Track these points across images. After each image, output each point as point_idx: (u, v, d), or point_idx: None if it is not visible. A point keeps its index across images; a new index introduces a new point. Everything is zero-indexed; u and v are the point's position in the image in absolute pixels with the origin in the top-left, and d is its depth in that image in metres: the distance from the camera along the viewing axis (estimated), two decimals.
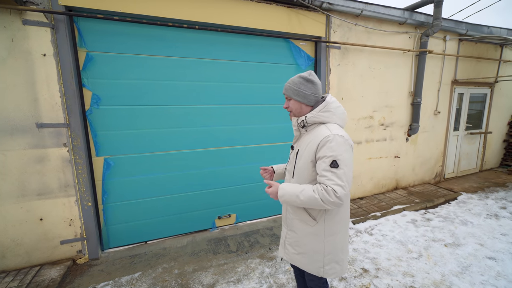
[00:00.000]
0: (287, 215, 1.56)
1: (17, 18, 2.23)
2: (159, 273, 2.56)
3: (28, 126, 2.38)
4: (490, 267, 2.57)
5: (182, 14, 2.76)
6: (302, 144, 1.44)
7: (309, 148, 1.37)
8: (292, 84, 1.45)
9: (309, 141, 1.39)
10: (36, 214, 2.52)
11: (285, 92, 1.49)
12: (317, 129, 1.39)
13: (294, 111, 1.48)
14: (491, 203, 4.15)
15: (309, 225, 1.44)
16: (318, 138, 1.32)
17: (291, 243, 1.54)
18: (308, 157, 1.37)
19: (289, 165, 1.56)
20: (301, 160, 1.42)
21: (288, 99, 1.50)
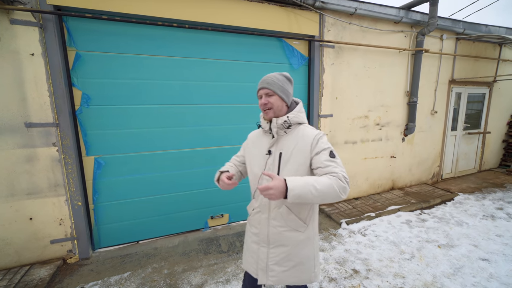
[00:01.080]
0: (270, 231, 1.36)
1: (5, 18, 2.23)
2: (148, 273, 2.56)
3: (17, 126, 2.38)
4: (482, 269, 2.53)
5: (172, 13, 2.74)
6: (285, 146, 1.32)
7: (299, 149, 1.29)
8: (276, 80, 1.33)
9: (295, 142, 1.30)
10: (25, 214, 2.52)
11: (268, 86, 1.32)
12: (298, 130, 1.34)
13: (275, 108, 1.33)
14: (488, 203, 4.11)
15: (300, 231, 1.35)
16: (307, 138, 1.30)
17: (278, 262, 1.36)
18: (300, 159, 1.28)
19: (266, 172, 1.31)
20: (288, 163, 1.29)
21: (269, 94, 1.32)
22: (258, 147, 1.43)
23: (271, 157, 1.34)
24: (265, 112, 1.35)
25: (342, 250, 2.89)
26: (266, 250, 1.37)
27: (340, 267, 2.59)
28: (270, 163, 1.34)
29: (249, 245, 1.47)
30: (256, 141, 1.47)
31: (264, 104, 1.33)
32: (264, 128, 1.39)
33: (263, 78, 1.36)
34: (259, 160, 1.38)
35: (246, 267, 1.50)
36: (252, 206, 1.47)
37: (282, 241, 1.35)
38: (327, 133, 3.84)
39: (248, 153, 1.50)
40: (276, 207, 1.34)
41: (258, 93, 1.37)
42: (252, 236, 1.45)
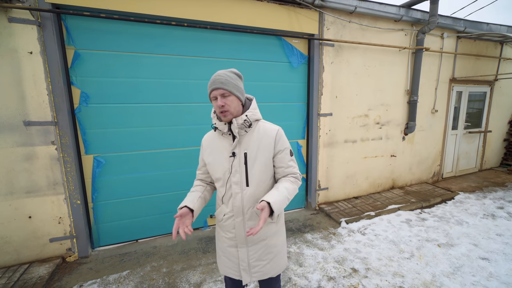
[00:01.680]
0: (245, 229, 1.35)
1: (3, 16, 2.23)
2: (147, 272, 2.56)
3: (16, 124, 2.38)
4: (482, 268, 2.52)
5: (170, 12, 2.74)
6: (249, 146, 1.29)
7: (264, 147, 1.29)
8: (230, 79, 1.24)
9: (258, 140, 1.29)
10: (24, 212, 2.52)
11: (223, 86, 1.21)
12: (258, 127, 1.32)
13: (233, 110, 1.25)
14: (489, 203, 4.09)
15: (274, 222, 1.38)
16: (270, 133, 1.31)
17: (259, 256, 1.38)
18: (266, 156, 1.30)
19: (234, 176, 1.29)
20: (256, 162, 1.29)
21: (225, 95, 1.22)
22: (217, 151, 1.34)
23: (236, 159, 1.29)
24: (223, 115, 1.24)
25: (341, 249, 2.88)
26: (245, 250, 1.37)
27: (339, 266, 2.58)
28: (236, 165, 1.29)
29: (226, 249, 1.42)
30: (213, 145, 1.37)
31: (221, 106, 1.22)
32: (222, 130, 1.30)
33: (215, 78, 1.23)
34: (223, 164, 1.31)
35: (225, 271, 1.46)
36: (222, 212, 1.39)
37: (260, 237, 1.37)
38: (326, 132, 3.83)
39: (208, 159, 1.38)
40: (250, 208, 1.33)
41: (211, 94, 1.24)
42: (227, 241, 1.40)
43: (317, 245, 2.98)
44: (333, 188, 4.07)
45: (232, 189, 1.31)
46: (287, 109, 3.67)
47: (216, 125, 1.32)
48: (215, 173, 1.37)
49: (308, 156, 3.91)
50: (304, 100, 3.76)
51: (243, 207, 1.32)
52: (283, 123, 3.60)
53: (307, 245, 2.97)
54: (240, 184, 1.30)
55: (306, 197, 4.03)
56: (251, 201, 1.32)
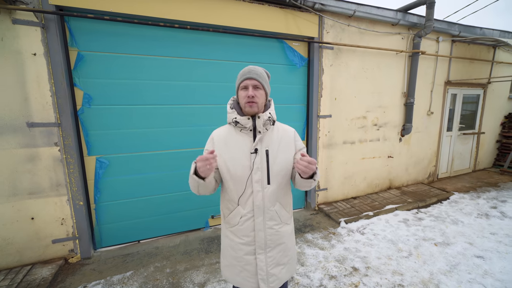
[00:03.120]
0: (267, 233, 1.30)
1: (7, 17, 2.23)
2: (151, 272, 2.58)
3: (19, 126, 2.38)
4: (478, 266, 2.60)
5: (173, 14, 2.76)
6: (270, 143, 1.28)
7: (284, 145, 1.31)
8: (263, 74, 1.25)
9: (279, 138, 1.30)
10: (27, 213, 2.52)
11: (258, 78, 1.21)
12: (277, 126, 1.36)
13: (260, 104, 1.24)
14: (483, 202, 4.20)
15: (288, 223, 1.39)
16: (289, 133, 1.36)
17: (278, 261, 1.33)
18: (287, 154, 1.31)
19: (256, 174, 1.25)
20: (277, 160, 1.27)
21: (257, 87, 1.22)
22: (236, 147, 1.27)
23: (258, 155, 1.24)
24: (249, 105, 1.21)
25: (341, 249, 2.94)
26: (263, 256, 1.30)
27: (340, 265, 2.64)
28: (258, 162, 1.24)
29: (242, 259, 1.32)
30: (231, 141, 1.28)
31: (251, 96, 1.19)
32: (244, 125, 1.24)
33: (250, 68, 1.23)
34: (242, 161, 1.25)
35: (239, 282, 1.35)
36: (238, 214, 1.29)
37: (278, 240, 1.32)
38: (326, 134, 3.89)
39: (221, 156, 1.28)
40: (271, 207, 1.29)
41: (243, 83, 1.22)
42: (243, 248, 1.31)
43: (317, 244, 3.04)
44: (332, 188, 4.13)
45: (253, 187, 1.25)
46: (287, 110, 3.72)
47: (237, 119, 1.25)
48: (232, 171, 1.26)
49: None
50: (304, 102, 3.82)
51: (264, 206, 1.27)
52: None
53: (308, 245, 3.02)
54: (261, 182, 1.25)
55: (305, 197, 4.08)
56: (272, 200, 1.28)
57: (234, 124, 1.28)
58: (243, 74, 1.23)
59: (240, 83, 1.24)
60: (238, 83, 1.26)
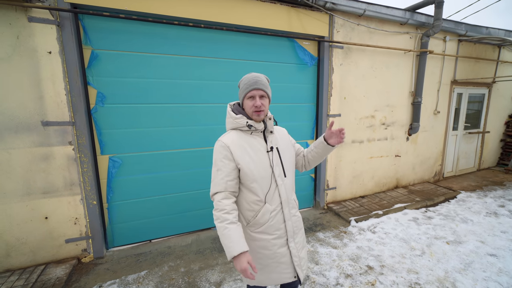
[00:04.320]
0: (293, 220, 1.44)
1: (23, 15, 2.21)
2: (165, 271, 2.57)
3: (34, 124, 2.37)
4: (491, 264, 2.61)
5: (187, 13, 2.76)
6: (278, 142, 1.44)
7: (285, 141, 1.49)
8: (266, 83, 1.36)
9: (279, 136, 1.47)
10: (41, 213, 2.50)
11: (264, 88, 1.32)
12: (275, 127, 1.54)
13: (266, 111, 1.37)
14: (490, 201, 4.22)
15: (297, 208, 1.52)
16: (284, 131, 1.55)
17: (302, 244, 1.51)
18: (290, 148, 1.51)
19: (276, 169, 1.35)
20: (285, 155, 1.44)
21: (263, 96, 1.33)
22: (253, 150, 1.33)
23: (273, 153, 1.38)
24: (257, 114, 1.32)
25: (354, 247, 2.94)
26: (293, 244, 1.43)
27: (354, 264, 2.64)
28: (276, 158, 1.38)
29: (276, 253, 1.37)
30: (246, 144, 1.33)
31: (258, 106, 1.30)
32: (257, 128, 1.34)
33: (255, 79, 1.31)
34: (262, 161, 1.33)
35: (278, 279, 1.41)
36: (268, 212, 1.34)
37: (298, 227, 1.48)
38: None
39: (242, 160, 1.30)
40: (291, 196, 1.45)
41: (250, 93, 1.30)
42: (276, 242, 1.37)
43: (330, 243, 3.04)
44: (341, 187, 4.14)
45: (277, 181, 1.36)
46: (297, 109, 3.72)
47: (250, 123, 1.33)
48: (255, 172, 1.30)
49: None
50: (313, 101, 3.82)
51: (287, 197, 1.41)
52: (292, 124, 3.65)
53: (320, 244, 3.02)
54: (281, 176, 1.39)
55: (314, 196, 4.09)
56: (290, 190, 1.44)
57: (247, 128, 1.34)
58: (249, 84, 1.30)
59: (247, 93, 1.31)
60: (244, 92, 1.32)
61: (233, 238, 1.17)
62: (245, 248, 1.17)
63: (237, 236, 1.18)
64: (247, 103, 1.33)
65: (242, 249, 1.16)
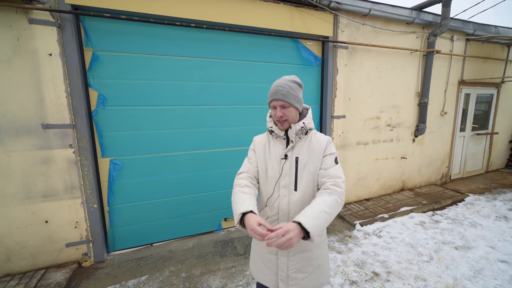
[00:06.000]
0: None
1: (23, 17, 2.19)
2: (166, 276, 2.52)
3: (34, 127, 2.34)
4: (503, 271, 2.52)
5: (189, 13, 2.71)
6: (301, 151, 1.31)
7: (315, 154, 1.30)
8: (291, 90, 1.26)
9: (310, 147, 1.31)
10: (41, 217, 2.47)
11: (284, 98, 1.24)
12: (311, 135, 1.35)
13: (291, 119, 1.29)
14: (499, 204, 4.10)
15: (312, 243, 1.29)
16: (321, 142, 1.33)
17: (299, 269, 1.32)
18: (316, 163, 1.30)
19: (284, 179, 1.30)
20: (306, 167, 1.29)
21: (284, 106, 1.26)
22: (271, 153, 1.36)
23: (288, 162, 1.31)
24: (281, 123, 1.30)
25: (359, 252, 2.87)
26: (285, 259, 1.32)
27: (360, 270, 2.57)
28: (287, 167, 1.30)
29: (264, 255, 1.38)
30: (267, 145, 1.39)
31: (280, 116, 1.27)
32: (277, 134, 1.33)
33: (276, 88, 1.26)
34: (274, 165, 1.34)
35: (261, 279, 1.42)
36: (265, 215, 1.36)
37: (302, 247, 1.32)
38: (339, 134, 3.82)
39: (259, 157, 1.39)
40: (296, 213, 1.28)
41: (272, 104, 1.29)
42: (267, 247, 1.34)
43: (334, 248, 2.97)
44: (346, 190, 4.06)
45: (280, 191, 1.31)
46: None
47: (272, 128, 1.35)
48: (266, 172, 1.36)
49: None
50: (317, 102, 3.75)
51: (289, 211, 1.30)
52: None
53: None
54: (288, 187, 1.30)
55: None
56: (298, 206, 1.29)
57: (270, 133, 1.38)
58: (270, 95, 1.29)
59: (270, 103, 1.32)
60: (268, 102, 1.33)
61: (238, 202, 1.19)
62: (247, 208, 1.13)
63: (243, 200, 1.19)
64: (272, 111, 1.33)
65: (245, 209, 1.13)
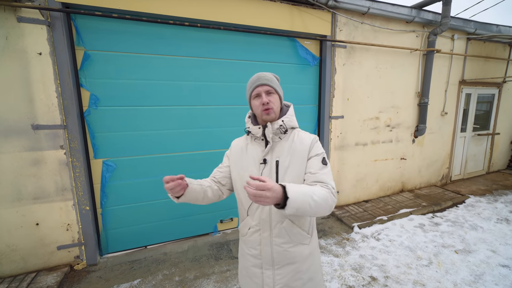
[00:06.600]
0: (274, 250, 1.19)
1: (12, 15, 2.14)
2: (159, 280, 2.47)
3: (24, 128, 2.29)
4: (504, 276, 2.46)
5: (183, 12, 2.66)
6: (282, 153, 1.18)
7: (297, 155, 1.17)
8: (274, 78, 1.21)
9: (292, 148, 1.18)
10: (32, 219, 2.43)
11: (269, 83, 1.16)
12: (293, 135, 1.22)
13: (276, 109, 1.18)
14: (501, 206, 4.03)
15: (306, 243, 1.22)
16: (305, 142, 1.19)
17: (287, 282, 1.21)
18: (300, 166, 1.17)
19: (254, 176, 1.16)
20: (288, 171, 1.16)
21: (270, 92, 1.17)
22: (248, 156, 1.24)
23: (267, 166, 1.18)
24: (266, 112, 1.16)
25: (357, 256, 2.81)
26: (271, 272, 1.21)
27: (357, 274, 2.51)
28: (266, 173, 1.17)
29: (249, 269, 1.27)
30: (244, 149, 1.27)
31: (266, 103, 1.14)
32: (255, 134, 1.21)
33: (258, 76, 1.19)
34: (252, 170, 1.21)
35: None
36: (247, 225, 1.26)
37: (288, 259, 1.20)
38: (338, 135, 3.76)
39: (235, 164, 1.28)
40: (278, 223, 1.18)
41: (255, 91, 1.18)
42: (251, 260, 1.25)
43: (331, 251, 2.91)
44: (344, 191, 4.00)
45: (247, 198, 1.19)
46: (298, 111, 3.56)
47: (249, 129, 1.23)
48: (242, 179, 1.23)
49: None
50: (315, 102, 3.69)
51: (271, 221, 1.18)
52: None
53: (321, 251, 2.89)
54: None
55: None
56: (280, 215, 1.18)
57: (247, 134, 1.27)
58: (253, 82, 1.19)
59: (252, 92, 1.19)
60: (249, 93, 1.21)
61: None
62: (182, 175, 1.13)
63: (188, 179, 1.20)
64: (254, 103, 1.20)
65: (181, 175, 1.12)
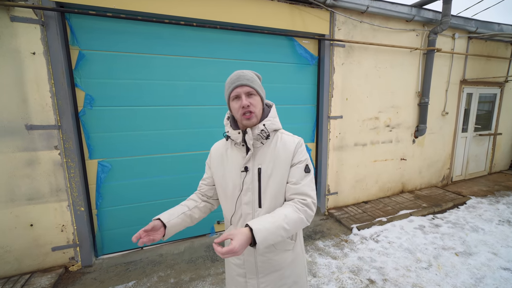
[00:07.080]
0: (258, 259, 1.15)
1: (5, 15, 2.12)
2: (154, 282, 2.44)
3: (17, 128, 2.27)
4: (506, 279, 2.41)
5: (179, 11, 2.63)
6: (264, 160, 1.10)
7: (281, 161, 1.10)
8: (255, 77, 1.11)
9: (275, 153, 1.10)
10: (26, 220, 2.41)
11: (250, 84, 1.05)
12: (276, 138, 1.14)
13: (258, 112, 1.09)
14: (503, 208, 3.97)
15: (289, 248, 1.17)
16: (289, 146, 1.11)
17: None
18: (284, 172, 1.10)
19: (245, 195, 1.11)
20: (271, 179, 1.09)
21: (251, 94, 1.07)
22: (228, 164, 1.17)
23: (249, 174, 1.11)
24: (246, 117, 1.06)
25: (355, 258, 2.77)
26: (255, 281, 1.17)
27: (355, 277, 2.47)
28: (248, 181, 1.11)
29: (234, 278, 1.24)
30: (224, 156, 1.19)
31: (246, 105, 1.04)
32: (235, 140, 1.11)
33: (238, 74, 1.07)
34: (234, 179, 1.14)
35: None
36: None
37: (273, 267, 1.16)
38: (336, 135, 3.72)
39: (216, 172, 1.21)
40: None
41: (233, 92, 1.06)
42: (235, 269, 1.22)
43: (329, 253, 2.87)
44: (343, 192, 3.96)
45: (242, 209, 1.13)
46: (296, 111, 3.56)
47: (228, 133, 1.13)
48: (224, 189, 1.17)
49: (317, 160, 3.80)
50: (313, 102, 3.66)
51: None
52: (291, 126, 3.49)
53: (319, 253, 2.85)
54: (251, 204, 1.11)
55: None
56: None
57: (226, 139, 1.18)
58: (231, 82, 1.07)
59: (231, 93, 1.08)
60: (227, 93, 1.10)
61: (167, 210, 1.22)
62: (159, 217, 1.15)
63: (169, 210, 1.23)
64: (233, 106, 1.09)
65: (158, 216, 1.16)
